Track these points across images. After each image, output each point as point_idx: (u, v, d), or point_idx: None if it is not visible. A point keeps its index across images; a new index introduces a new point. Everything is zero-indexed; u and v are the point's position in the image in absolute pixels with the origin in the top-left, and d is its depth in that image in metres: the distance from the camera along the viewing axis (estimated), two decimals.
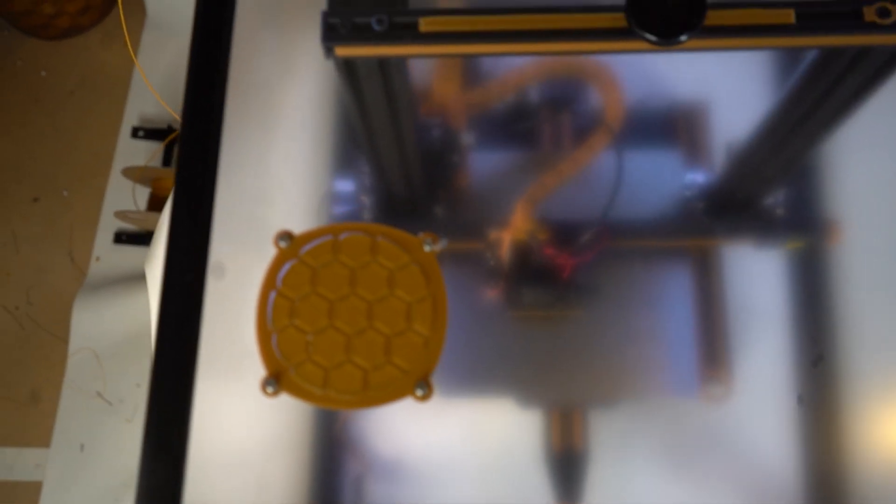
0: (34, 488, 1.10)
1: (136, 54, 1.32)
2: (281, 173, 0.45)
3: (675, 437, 0.44)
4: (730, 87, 0.49)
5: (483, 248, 0.47)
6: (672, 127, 0.50)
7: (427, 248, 0.42)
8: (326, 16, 0.46)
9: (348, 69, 0.48)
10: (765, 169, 0.50)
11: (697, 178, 0.49)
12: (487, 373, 0.45)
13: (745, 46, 0.47)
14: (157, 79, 1.31)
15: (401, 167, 0.50)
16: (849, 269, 0.45)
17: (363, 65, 0.48)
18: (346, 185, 0.47)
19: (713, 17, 0.45)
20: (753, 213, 0.48)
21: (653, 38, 0.44)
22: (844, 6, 0.45)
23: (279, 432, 0.41)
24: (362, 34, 0.46)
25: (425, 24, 0.46)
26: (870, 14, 0.45)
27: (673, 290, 0.46)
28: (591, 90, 0.50)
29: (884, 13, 0.45)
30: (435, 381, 0.43)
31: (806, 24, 0.45)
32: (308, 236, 0.42)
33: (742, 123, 0.50)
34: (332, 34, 0.46)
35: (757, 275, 0.46)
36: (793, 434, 0.43)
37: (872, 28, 0.45)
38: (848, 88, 0.49)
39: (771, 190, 0.49)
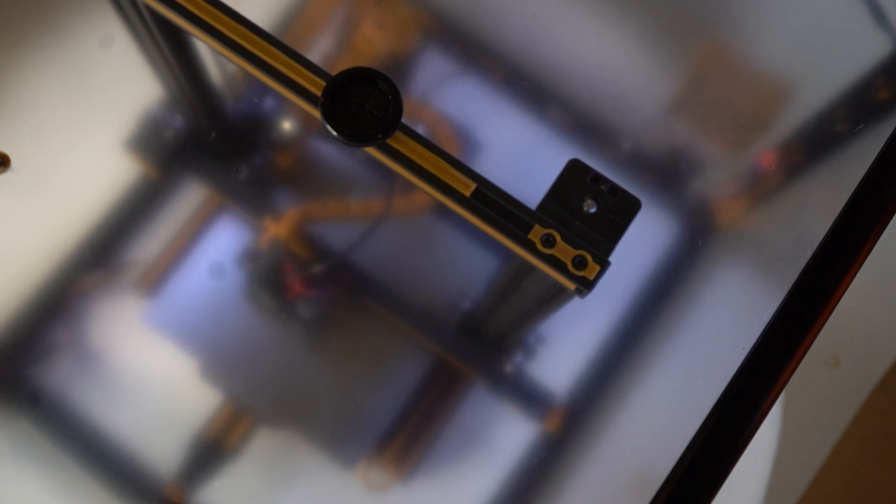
0: None
1: None
2: None
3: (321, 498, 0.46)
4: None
5: (254, 225, 0.49)
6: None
7: None
8: None
9: None
10: (497, 322, 0.50)
11: (471, 290, 0.49)
12: (205, 329, 0.47)
13: (427, 191, 0.44)
14: None
15: (186, 102, 0.51)
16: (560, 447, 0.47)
17: None
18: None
19: (401, 143, 0.43)
20: (497, 357, 0.49)
21: (333, 132, 0.43)
22: (520, 210, 0.42)
23: None
24: None
25: None
26: (535, 234, 0.42)
27: (401, 378, 0.47)
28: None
29: (548, 242, 0.42)
30: (164, 302, 0.46)
31: (477, 206, 0.43)
32: None
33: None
34: None
35: (482, 413, 0.47)
36: None
37: (531, 248, 0.43)
38: (536, 285, 0.47)
39: (510, 346, 0.49)
